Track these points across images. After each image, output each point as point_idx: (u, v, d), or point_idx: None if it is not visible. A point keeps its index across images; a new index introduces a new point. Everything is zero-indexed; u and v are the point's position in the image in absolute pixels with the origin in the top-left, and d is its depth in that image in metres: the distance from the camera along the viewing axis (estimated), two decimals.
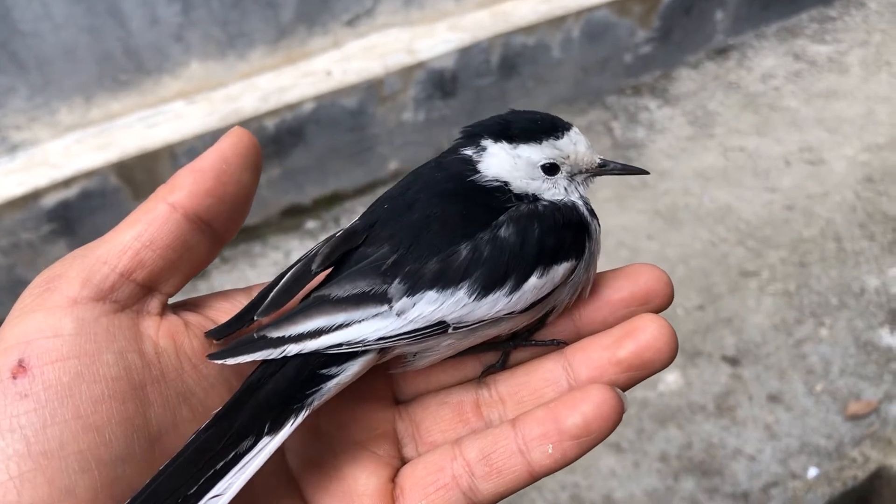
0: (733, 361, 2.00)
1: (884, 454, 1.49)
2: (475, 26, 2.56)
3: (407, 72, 2.43)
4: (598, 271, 0.54)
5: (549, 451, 0.48)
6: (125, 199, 2.16)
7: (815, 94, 2.88)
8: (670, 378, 1.97)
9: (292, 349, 0.47)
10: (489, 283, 0.49)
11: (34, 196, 2.05)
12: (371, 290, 0.49)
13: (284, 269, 0.52)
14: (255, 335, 0.48)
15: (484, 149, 0.54)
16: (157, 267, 0.48)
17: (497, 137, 0.54)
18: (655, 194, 2.47)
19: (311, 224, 2.42)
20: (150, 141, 2.16)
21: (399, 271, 0.49)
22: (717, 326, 2.09)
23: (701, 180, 2.53)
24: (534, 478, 0.50)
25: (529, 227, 0.50)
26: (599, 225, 0.55)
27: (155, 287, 0.48)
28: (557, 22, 2.64)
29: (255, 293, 0.53)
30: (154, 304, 0.49)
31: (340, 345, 0.48)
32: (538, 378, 0.53)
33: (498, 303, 0.49)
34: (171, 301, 0.51)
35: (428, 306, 0.49)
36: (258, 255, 2.32)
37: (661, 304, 0.52)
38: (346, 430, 0.53)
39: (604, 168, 0.56)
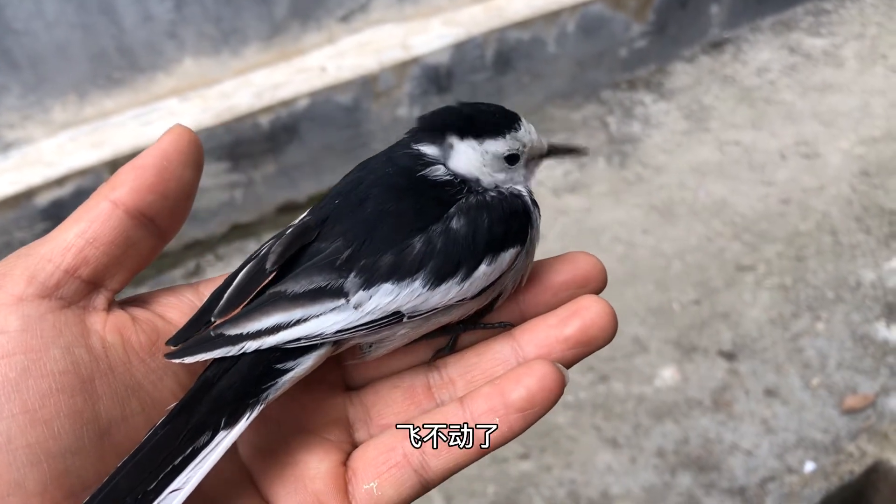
0: (730, 356, 2.00)
1: (880, 448, 1.49)
2: (470, 21, 2.56)
3: (401, 67, 2.43)
4: (543, 259, 0.57)
5: (496, 424, 0.51)
6: None
7: (810, 88, 2.88)
8: (666, 373, 1.97)
9: (251, 345, 0.48)
10: (442, 272, 0.51)
11: (28, 195, 2.04)
12: (327, 284, 0.50)
13: (235, 269, 0.53)
14: (212, 333, 0.49)
15: (451, 146, 0.56)
16: (102, 263, 0.48)
17: (462, 134, 0.56)
18: (651, 189, 2.47)
19: None
20: (144, 139, 2.15)
21: (354, 266, 0.50)
22: (714, 321, 2.08)
23: (696, 174, 2.53)
24: (483, 451, 0.51)
25: (479, 218, 0.53)
26: (540, 214, 0.57)
27: (100, 283, 0.49)
28: (552, 16, 2.63)
29: (201, 289, 0.54)
30: (100, 299, 0.49)
31: (299, 339, 0.49)
32: (488, 359, 0.54)
33: (451, 291, 0.51)
34: (119, 298, 0.52)
35: (384, 298, 0.50)
36: (252, 251, 2.31)
37: (597, 287, 0.55)
38: (297, 418, 0.53)
39: (554, 151, 0.60)
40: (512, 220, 0.54)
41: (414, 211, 0.52)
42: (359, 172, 0.56)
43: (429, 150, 0.56)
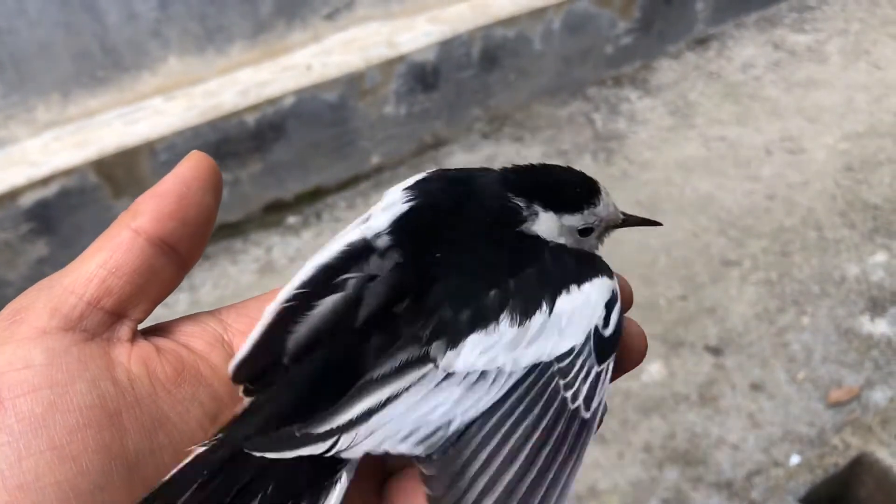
0: (716, 351, 2.01)
1: (864, 441, 1.51)
2: (455, 19, 2.56)
3: (387, 65, 2.43)
4: None
5: None
6: (105, 197, 2.14)
7: (794, 84, 2.90)
8: (653, 369, 1.97)
9: (344, 441, 0.44)
10: (525, 308, 0.47)
11: (12, 195, 2.03)
12: (411, 356, 0.46)
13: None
14: (296, 433, 0.45)
15: (535, 213, 0.54)
16: (125, 293, 0.47)
17: (546, 205, 0.54)
18: (637, 185, 2.48)
19: (292, 219, 2.41)
20: (129, 138, 2.15)
21: (436, 329, 0.46)
22: (700, 316, 2.10)
23: (682, 171, 2.54)
24: None
25: (560, 257, 0.51)
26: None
27: (124, 314, 0.48)
28: (538, 14, 2.64)
29: (223, 316, 0.51)
30: (124, 330, 0.48)
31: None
32: None
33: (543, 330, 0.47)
34: (140, 327, 0.50)
35: (473, 351, 0.46)
36: (239, 251, 2.31)
37: (624, 305, 0.53)
38: None
39: (627, 222, 0.58)
40: (588, 263, 0.52)
41: (510, 261, 0.49)
42: (452, 216, 0.52)
43: (525, 211, 0.53)
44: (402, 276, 0.48)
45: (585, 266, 0.50)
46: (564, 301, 0.47)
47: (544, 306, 0.47)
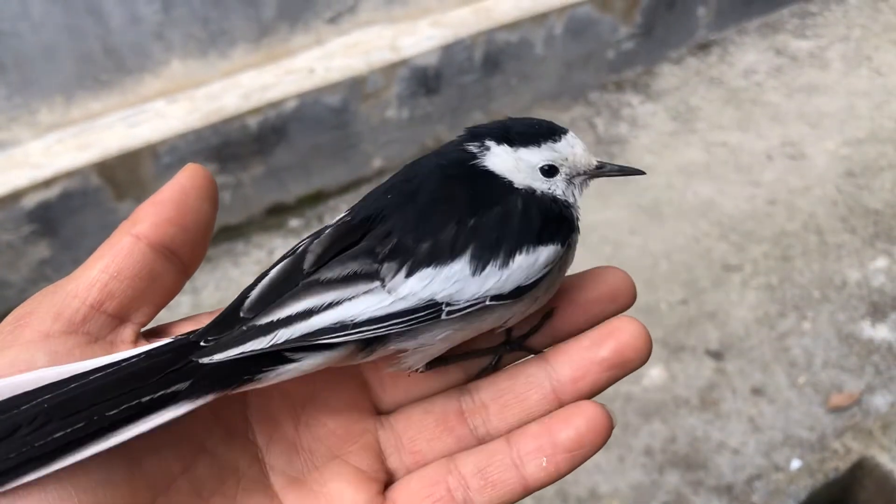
0: (717, 355, 2.02)
1: (865, 445, 1.51)
2: (458, 23, 2.56)
3: (390, 69, 2.43)
4: (571, 274, 0.56)
5: (544, 464, 0.50)
6: (107, 199, 2.15)
7: (796, 89, 2.90)
8: (654, 372, 1.97)
9: (282, 334, 0.47)
10: (479, 257, 0.50)
11: (14, 197, 2.03)
12: (362, 269, 0.49)
13: (267, 267, 0.52)
14: (243, 328, 0.48)
15: (487, 148, 0.55)
16: (127, 297, 0.49)
17: (499, 140, 0.55)
18: (638, 189, 2.48)
19: (294, 222, 2.42)
20: (131, 140, 2.15)
21: (393, 251, 0.49)
22: (701, 320, 2.10)
23: (684, 175, 2.54)
24: (527, 491, 0.51)
25: (519, 209, 0.52)
26: (578, 237, 0.56)
27: (126, 317, 0.49)
28: (540, 18, 2.64)
29: None
30: (127, 333, 0.49)
31: (332, 330, 0.47)
32: (521, 382, 0.54)
33: (488, 280, 0.50)
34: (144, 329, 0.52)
35: (420, 282, 0.49)
36: (241, 253, 2.32)
37: (626, 302, 0.55)
38: (326, 443, 0.53)
39: (601, 170, 0.58)
40: (555, 220, 0.53)
41: (463, 199, 0.52)
42: (409, 169, 0.56)
43: (476, 150, 0.55)
44: (347, 226, 0.52)
45: (550, 229, 0.52)
46: (521, 259, 0.50)
47: (501, 260, 0.50)
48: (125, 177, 2.16)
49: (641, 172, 0.59)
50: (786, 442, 1.83)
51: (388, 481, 0.53)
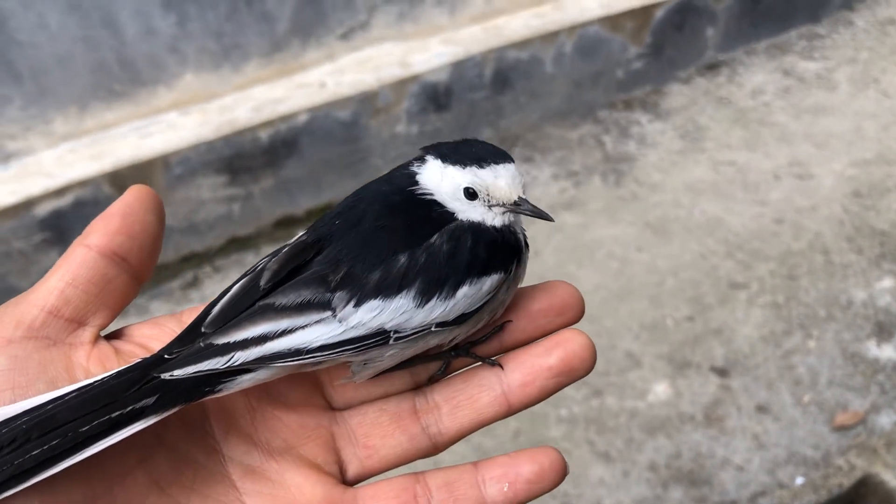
0: (722, 372, 2.02)
1: (869, 462, 1.51)
2: (468, 40, 2.59)
3: (400, 85, 2.46)
4: (523, 286, 0.60)
5: (505, 489, 0.55)
6: None
7: (803, 110, 2.92)
8: (659, 388, 1.98)
9: (239, 356, 0.50)
10: (426, 290, 0.53)
11: (27, 205, 2.06)
12: (315, 298, 0.52)
13: (229, 284, 0.55)
14: (201, 344, 0.51)
15: (425, 161, 0.58)
16: (82, 301, 0.53)
17: (437, 155, 0.58)
18: (646, 207, 2.49)
19: None
20: (143, 151, 2.18)
21: (343, 280, 0.53)
22: (707, 337, 2.10)
23: (691, 193, 2.55)
24: None
25: (464, 240, 0.55)
26: (528, 254, 0.60)
27: (84, 321, 0.53)
28: (550, 37, 2.67)
29: (184, 318, 0.56)
30: (86, 335, 0.53)
31: (287, 355, 0.51)
32: (473, 385, 0.58)
33: (434, 310, 0.53)
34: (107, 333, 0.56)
35: (369, 314, 0.52)
36: (250, 264, 2.32)
37: (574, 316, 0.59)
38: (281, 436, 0.56)
39: (518, 206, 0.59)
40: (497, 249, 0.56)
41: (405, 228, 0.55)
42: (359, 192, 0.58)
43: (416, 168, 0.58)
44: (301, 245, 0.55)
45: (494, 259, 0.55)
46: (465, 290, 0.54)
47: (446, 291, 0.53)
48: None
49: (551, 219, 0.61)
50: (790, 460, 1.83)
51: (342, 473, 0.57)
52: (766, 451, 1.85)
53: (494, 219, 0.58)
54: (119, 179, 2.14)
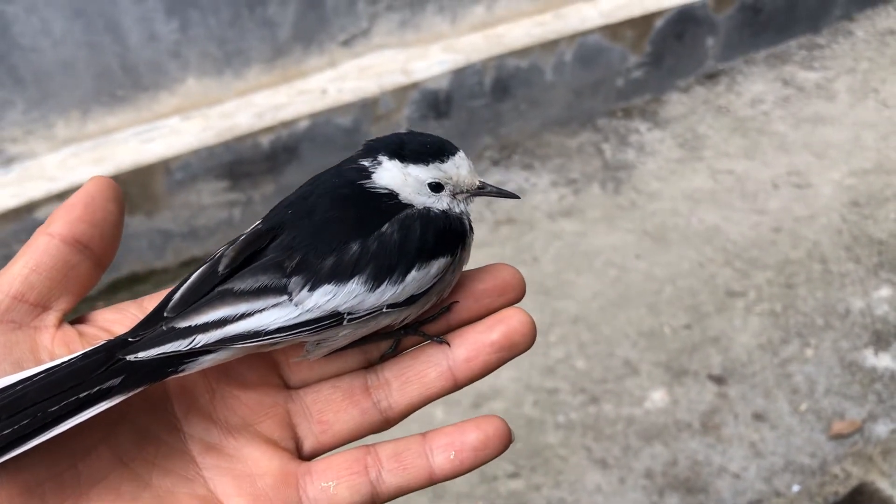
0: (719, 380, 2.02)
1: (865, 470, 1.51)
2: (469, 48, 2.60)
3: (401, 92, 2.47)
4: (468, 269, 0.63)
5: (451, 457, 0.58)
6: None
7: (802, 120, 2.93)
8: (656, 396, 1.98)
9: (200, 339, 0.53)
10: (377, 275, 0.56)
11: (29, 208, 2.07)
12: (272, 283, 0.55)
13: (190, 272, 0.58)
14: (164, 327, 0.53)
15: (380, 163, 0.61)
16: (45, 287, 0.55)
17: (392, 155, 0.61)
18: (644, 215, 2.50)
19: None
20: (145, 155, 2.19)
21: (298, 267, 0.55)
22: (704, 345, 2.11)
23: (689, 202, 2.56)
24: (433, 479, 0.58)
25: (413, 228, 0.58)
26: (473, 238, 0.63)
27: (48, 305, 0.55)
28: (550, 45, 2.68)
29: (145, 304, 0.59)
30: (50, 319, 0.55)
31: (247, 336, 0.53)
32: (421, 361, 0.61)
33: (385, 293, 0.56)
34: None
35: (323, 297, 0.55)
36: None
37: (515, 296, 0.61)
38: (239, 414, 0.58)
39: (482, 190, 0.64)
40: (444, 234, 0.59)
41: (356, 218, 0.58)
42: (309, 185, 0.61)
43: (368, 164, 0.61)
44: (257, 233, 0.58)
45: (441, 243, 0.59)
46: (414, 274, 0.57)
47: (396, 276, 0.56)
48: (137, 191, 2.20)
49: (516, 196, 0.66)
50: (787, 468, 1.84)
51: (298, 448, 0.60)
52: (762, 458, 1.86)
53: (458, 205, 0.62)
54: (119, 184, 2.14)
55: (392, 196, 0.60)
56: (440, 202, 0.61)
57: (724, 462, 1.85)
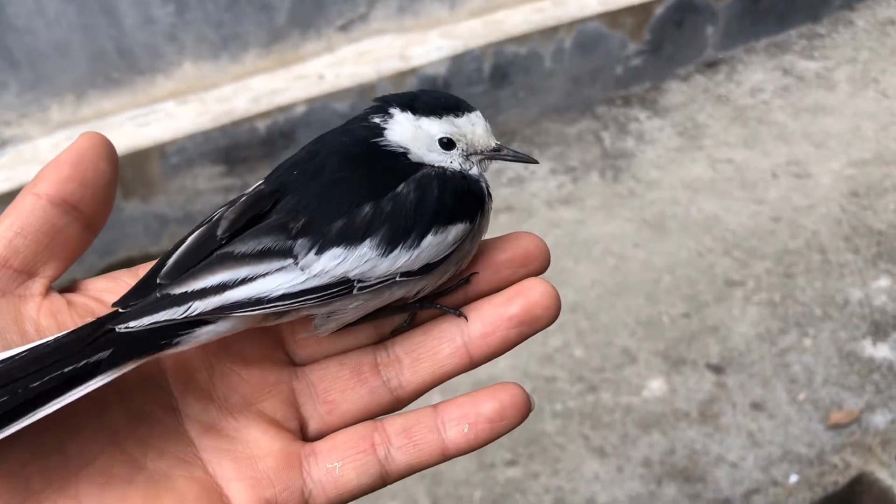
0: (717, 369, 2.02)
1: (864, 461, 1.51)
2: (468, 34, 2.58)
3: (399, 77, 2.45)
4: (488, 238, 0.58)
5: (465, 430, 0.53)
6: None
7: (802, 109, 2.91)
8: (655, 385, 1.98)
9: (197, 306, 0.48)
10: (391, 238, 0.51)
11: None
12: (276, 245, 0.50)
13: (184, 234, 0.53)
14: (157, 294, 0.49)
15: (391, 116, 0.57)
16: (31, 252, 0.51)
17: (404, 108, 0.57)
18: (643, 203, 2.49)
19: None
20: (140, 139, 2.17)
21: (305, 228, 0.51)
22: (702, 335, 2.10)
23: (689, 191, 2.55)
24: (445, 455, 0.54)
25: (430, 188, 0.53)
26: (492, 205, 0.58)
27: (34, 272, 0.51)
28: (550, 32, 2.66)
29: (140, 272, 0.54)
30: (36, 286, 0.51)
31: (247, 304, 0.49)
32: (434, 336, 0.56)
33: (399, 259, 0.52)
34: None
35: (332, 261, 0.50)
36: None
37: (539, 266, 0.57)
38: (240, 392, 0.54)
39: (497, 153, 0.59)
40: (465, 198, 0.55)
41: (368, 178, 0.53)
42: (315, 145, 0.57)
43: (380, 121, 0.57)
44: (258, 194, 0.53)
45: (460, 207, 0.54)
46: (430, 238, 0.52)
47: (411, 240, 0.52)
48: (132, 175, 2.18)
49: (535, 161, 0.61)
50: (784, 457, 1.83)
51: (302, 429, 0.55)
52: (760, 448, 1.85)
53: (472, 168, 0.58)
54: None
55: (406, 155, 0.56)
56: (452, 162, 0.57)
57: (721, 451, 1.84)
